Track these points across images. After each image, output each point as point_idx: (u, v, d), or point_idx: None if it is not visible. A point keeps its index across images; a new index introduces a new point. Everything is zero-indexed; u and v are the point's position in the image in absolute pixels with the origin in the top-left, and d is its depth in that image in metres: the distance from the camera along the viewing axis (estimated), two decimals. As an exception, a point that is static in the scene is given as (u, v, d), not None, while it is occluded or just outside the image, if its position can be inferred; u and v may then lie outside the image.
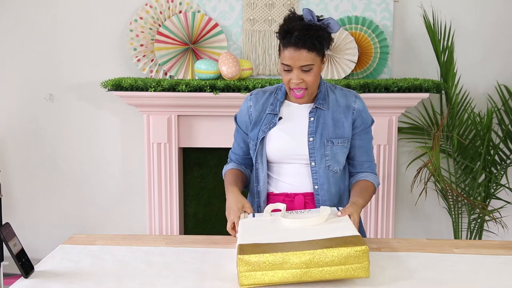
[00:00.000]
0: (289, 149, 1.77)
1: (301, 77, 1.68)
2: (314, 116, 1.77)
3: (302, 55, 1.64)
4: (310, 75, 1.68)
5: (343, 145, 1.78)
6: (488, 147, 2.92)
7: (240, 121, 1.88)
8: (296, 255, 1.31)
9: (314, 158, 1.75)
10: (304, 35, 1.63)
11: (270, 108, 1.80)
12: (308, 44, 1.64)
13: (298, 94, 1.71)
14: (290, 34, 1.64)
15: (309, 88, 1.71)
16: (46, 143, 3.23)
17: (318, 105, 1.77)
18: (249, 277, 1.32)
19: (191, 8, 3.03)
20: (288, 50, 1.66)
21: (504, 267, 1.47)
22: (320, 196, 1.78)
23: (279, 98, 1.81)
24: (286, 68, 1.68)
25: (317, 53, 1.67)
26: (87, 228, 3.26)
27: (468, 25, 3.09)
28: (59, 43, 3.13)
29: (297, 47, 1.64)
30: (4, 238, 1.36)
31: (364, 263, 1.30)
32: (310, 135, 1.76)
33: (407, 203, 3.23)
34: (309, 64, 1.66)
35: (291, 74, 1.68)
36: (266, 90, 1.86)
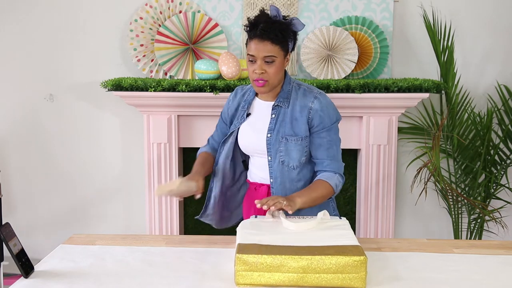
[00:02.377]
0: (251, 144, 1.89)
1: (264, 67, 1.76)
2: (275, 114, 1.86)
3: (266, 46, 1.74)
4: (272, 67, 1.76)
5: (297, 142, 1.83)
6: (488, 147, 2.92)
7: (223, 111, 2.03)
8: (294, 259, 1.31)
9: (270, 153, 1.86)
10: (269, 28, 1.73)
11: (242, 105, 1.94)
12: (272, 36, 1.73)
13: (259, 83, 1.78)
14: (256, 27, 1.75)
15: (270, 80, 1.78)
16: (46, 143, 3.23)
17: (278, 103, 1.86)
18: (245, 276, 1.32)
19: (191, 8, 3.03)
20: (253, 42, 1.76)
21: (504, 267, 1.47)
22: (274, 189, 1.88)
23: (251, 96, 1.93)
24: (251, 58, 1.77)
25: (281, 47, 1.76)
26: (87, 228, 3.26)
27: (468, 25, 3.09)
28: (59, 43, 3.13)
29: (261, 38, 1.74)
30: (4, 238, 1.36)
31: (361, 273, 1.30)
32: (269, 131, 1.86)
33: (407, 203, 3.23)
34: (272, 56, 1.75)
35: (255, 65, 1.77)
36: (244, 88, 1.99)
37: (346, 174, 2.96)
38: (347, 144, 2.97)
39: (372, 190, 2.97)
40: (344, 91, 2.77)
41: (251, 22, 1.78)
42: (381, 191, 2.97)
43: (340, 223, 1.59)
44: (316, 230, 1.52)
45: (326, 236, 1.46)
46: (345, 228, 1.54)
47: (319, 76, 2.98)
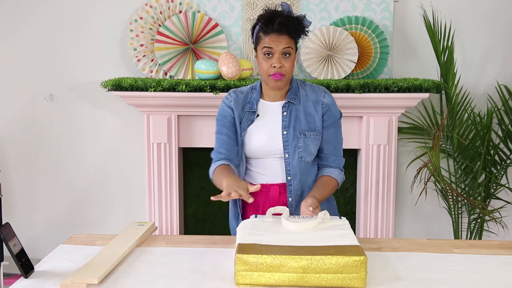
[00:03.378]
0: (266, 145, 1.86)
1: (282, 62, 1.77)
2: (286, 111, 1.86)
3: (284, 39, 1.76)
4: (288, 61, 1.78)
5: (315, 137, 1.87)
6: (488, 147, 2.92)
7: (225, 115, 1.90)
8: (294, 259, 1.31)
9: (288, 150, 1.85)
10: (286, 22, 1.75)
11: (248, 106, 1.89)
12: (290, 29, 1.76)
13: (277, 77, 1.78)
14: (272, 21, 1.75)
15: (286, 74, 1.79)
16: (46, 143, 3.23)
17: (290, 100, 1.87)
18: (245, 276, 1.32)
19: (191, 8, 3.03)
20: (270, 36, 1.76)
21: (504, 267, 1.47)
22: (292, 186, 1.87)
23: (255, 97, 1.90)
24: (268, 51, 1.77)
25: (294, 42, 1.80)
26: (87, 228, 3.26)
27: (468, 25, 3.09)
28: (59, 43, 3.13)
29: (280, 32, 1.75)
30: (4, 238, 1.36)
31: (361, 273, 1.30)
32: (284, 128, 1.85)
33: (407, 203, 3.23)
34: (289, 47, 1.77)
35: (272, 59, 1.77)
36: (242, 91, 1.94)
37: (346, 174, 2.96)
38: (347, 144, 2.97)
39: (372, 190, 2.97)
40: (344, 91, 2.77)
41: (267, 17, 1.77)
42: (381, 191, 2.97)
43: (340, 223, 1.59)
44: (316, 230, 1.52)
45: (326, 236, 1.46)
46: (345, 228, 1.54)
47: (319, 76, 2.98)
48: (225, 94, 2.72)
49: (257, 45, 1.82)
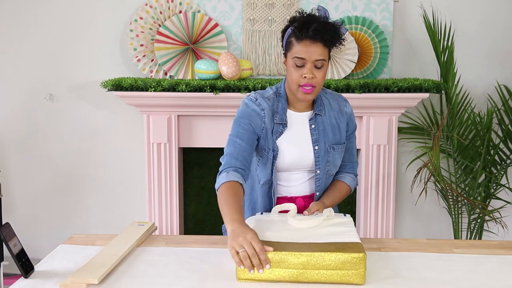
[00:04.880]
0: (298, 159, 1.76)
1: (314, 73, 1.63)
2: (314, 123, 1.77)
3: (318, 48, 1.62)
4: (321, 72, 1.65)
5: (342, 150, 1.81)
6: (488, 147, 2.92)
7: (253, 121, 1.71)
8: (294, 256, 1.32)
9: (319, 166, 1.77)
10: (323, 28, 1.61)
11: (277, 117, 1.74)
12: (326, 37, 1.62)
13: (307, 90, 1.64)
14: (307, 27, 1.61)
15: (317, 86, 1.66)
16: (46, 143, 3.23)
17: (318, 112, 1.77)
18: (246, 272, 1.33)
19: (191, 8, 3.03)
20: (303, 43, 1.62)
21: (504, 267, 1.47)
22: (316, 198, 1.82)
23: (283, 106, 1.75)
24: (299, 62, 1.63)
25: (329, 51, 1.66)
26: (87, 228, 3.26)
27: (468, 25, 3.09)
28: (59, 43, 3.13)
29: (314, 39, 1.60)
30: (4, 238, 1.36)
31: (360, 270, 1.31)
32: (314, 143, 1.76)
33: (407, 203, 3.23)
34: (323, 59, 1.63)
35: (303, 69, 1.63)
36: (269, 97, 1.76)
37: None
38: (347, 144, 2.98)
39: (372, 190, 2.97)
40: (344, 91, 2.77)
41: (302, 21, 1.63)
42: (381, 191, 2.97)
43: (345, 220, 1.60)
44: (319, 227, 1.53)
45: (329, 233, 1.47)
46: (348, 225, 1.54)
47: (319, 76, 2.98)
48: (226, 94, 2.76)
49: (288, 51, 1.67)
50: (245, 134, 1.69)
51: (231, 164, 1.65)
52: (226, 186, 1.58)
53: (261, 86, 2.73)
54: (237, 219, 1.44)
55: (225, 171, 1.63)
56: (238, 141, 1.69)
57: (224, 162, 1.68)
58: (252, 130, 1.71)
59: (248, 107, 1.73)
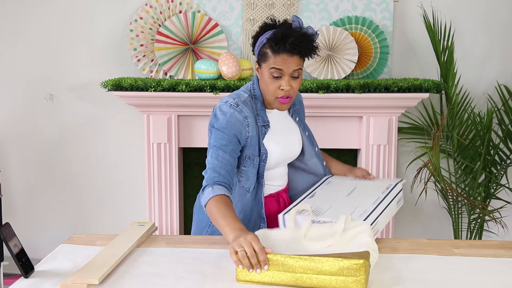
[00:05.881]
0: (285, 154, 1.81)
1: (291, 83, 1.66)
2: (297, 115, 1.88)
3: (295, 61, 1.64)
4: (297, 82, 1.68)
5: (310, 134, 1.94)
6: (488, 147, 2.92)
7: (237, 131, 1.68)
8: (294, 259, 1.31)
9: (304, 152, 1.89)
10: (300, 42, 1.62)
11: (260, 119, 1.74)
12: (303, 51, 1.64)
13: (285, 101, 1.69)
14: (284, 40, 1.61)
15: (293, 95, 1.70)
16: (46, 143, 3.23)
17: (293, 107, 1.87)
18: (246, 273, 1.33)
19: (191, 8, 3.03)
20: (280, 56, 1.63)
21: (505, 267, 1.47)
22: None
23: (261, 107, 1.75)
24: (276, 74, 1.64)
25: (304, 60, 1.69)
26: (87, 228, 3.26)
27: (468, 25, 3.09)
28: (59, 43, 3.13)
29: (292, 53, 1.62)
30: (4, 238, 1.36)
31: (360, 277, 1.28)
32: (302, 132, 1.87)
33: (407, 203, 3.23)
34: (299, 69, 1.67)
35: (281, 80, 1.65)
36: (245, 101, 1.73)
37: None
38: (347, 144, 2.98)
39: (372, 190, 2.96)
40: (344, 91, 2.77)
41: (278, 36, 1.62)
42: (381, 191, 2.96)
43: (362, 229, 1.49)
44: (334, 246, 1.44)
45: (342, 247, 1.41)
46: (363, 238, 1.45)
47: (319, 76, 2.98)
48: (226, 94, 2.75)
49: (263, 62, 1.68)
50: (229, 146, 1.67)
51: (214, 180, 1.61)
52: (215, 200, 1.54)
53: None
54: (237, 227, 1.42)
55: (209, 186, 1.59)
56: (221, 153, 1.66)
57: (207, 176, 1.64)
58: (237, 141, 1.69)
59: (232, 115, 1.69)
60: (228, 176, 1.63)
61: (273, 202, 1.85)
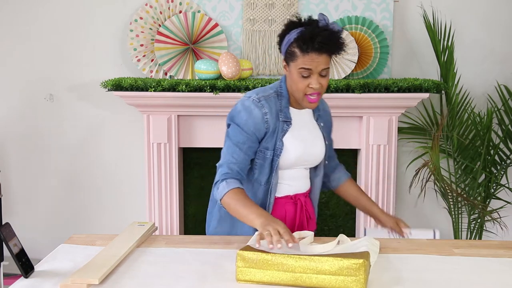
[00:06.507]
0: (302, 155, 1.77)
1: (320, 81, 1.67)
2: (322, 121, 1.86)
3: (324, 59, 1.65)
4: (326, 80, 1.69)
5: None
6: (488, 147, 2.92)
7: (256, 128, 1.71)
8: (294, 259, 1.32)
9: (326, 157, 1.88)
10: (329, 40, 1.64)
11: (282, 115, 1.74)
12: (332, 49, 1.66)
13: (313, 99, 1.68)
14: (312, 39, 1.62)
15: (322, 92, 1.71)
16: (46, 143, 3.23)
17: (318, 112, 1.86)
18: (245, 273, 1.33)
19: (191, 8, 3.03)
20: (309, 56, 1.64)
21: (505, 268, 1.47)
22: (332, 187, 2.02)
23: (285, 105, 1.76)
24: (305, 73, 1.65)
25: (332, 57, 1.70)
26: (87, 228, 3.26)
27: (468, 25, 3.09)
28: (59, 43, 3.13)
29: (320, 51, 1.63)
30: (4, 238, 1.36)
31: (360, 277, 1.28)
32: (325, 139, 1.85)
33: (407, 203, 3.23)
34: (327, 68, 1.68)
35: (310, 79, 1.66)
36: (269, 96, 1.75)
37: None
38: (347, 144, 2.97)
39: (372, 190, 2.96)
40: (344, 91, 2.77)
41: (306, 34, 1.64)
42: (381, 191, 2.97)
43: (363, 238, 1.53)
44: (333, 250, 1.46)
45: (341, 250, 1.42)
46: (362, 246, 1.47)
47: (319, 76, 2.98)
48: (226, 94, 2.76)
49: (291, 61, 1.68)
50: (246, 144, 1.70)
51: (228, 175, 1.66)
52: (232, 193, 1.60)
53: (261, 86, 2.73)
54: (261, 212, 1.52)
55: (223, 181, 1.64)
56: (237, 151, 1.69)
57: (220, 171, 1.68)
58: (255, 139, 1.71)
59: (251, 112, 1.71)
60: (241, 173, 1.69)
61: (290, 204, 1.81)
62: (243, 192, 1.63)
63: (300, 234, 1.63)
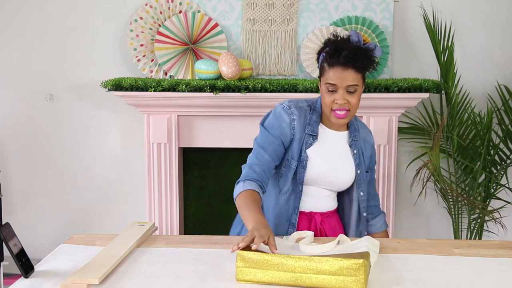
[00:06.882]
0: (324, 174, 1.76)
1: (346, 98, 1.65)
2: (356, 148, 1.81)
3: (350, 75, 1.64)
4: (354, 97, 1.67)
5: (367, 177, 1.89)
6: (488, 147, 2.92)
7: (282, 133, 1.74)
8: (294, 259, 1.32)
9: (362, 189, 1.83)
10: (354, 55, 1.63)
11: (309, 128, 1.74)
12: (358, 64, 1.64)
13: (340, 114, 1.68)
14: (338, 53, 1.63)
15: (352, 110, 1.69)
16: (46, 143, 3.23)
17: (354, 138, 1.80)
18: (245, 273, 1.33)
19: (191, 8, 3.03)
20: (334, 69, 1.64)
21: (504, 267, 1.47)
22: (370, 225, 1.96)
23: (316, 119, 1.76)
24: (331, 88, 1.66)
25: (362, 75, 1.68)
26: (87, 228, 3.26)
27: (468, 25, 3.09)
28: (59, 43, 3.13)
29: (345, 66, 1.63)
30: (4, 238, 1.36)
31: (360, 277, 1.28)
32: (357, 167, 1.81)
33: (407, 203, 3.23)
34: (355, 85, 1.66)
35: (336, 94, 1.66)
36: (302, 107, 1.77)
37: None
38: (347, 144, 2.97)
39: (372, 190, 2.96)
40: (344, 91, 2.76)
41: (333, 48, 1.65)
42: (381, 191, 2.97)
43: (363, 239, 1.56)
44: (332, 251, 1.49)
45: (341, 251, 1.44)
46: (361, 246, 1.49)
47: (319, 76, 2.98)
48: (226, 94, 2.76)
49: (321, 76, 1.71)
50: (271, 146, 1.71)
51: (248, 176, 1.68)
52: (244, 194, 1.62)
53: (261, 86, 2.74)
54: (257, 218, 1.49)
55: (242, 181, 1.67)
56: (261, 152, 1.71)
57: (243, 172, 1.72)
58: (280, 142, 1.73)
59: (280, 116, 1.74)
60: (263, 174, 1.69)
61: (305, 221, 1.81)
62: (255, 194, 1.62)
63: (300, 234, 1.63)
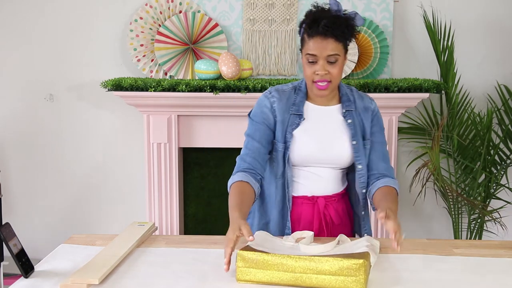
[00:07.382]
0: (316, 153, 1.70)
1: (327, 68, 1.61)
2: (351, 118, 1.72)
3: (329, 44, 1.59)
4: (335, 67, 1.62)
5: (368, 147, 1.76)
6: (488, 147, 2.92)
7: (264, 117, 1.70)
8: (294, 259, 1.31)
9: (360, 161, 1.72)
10: (333, 24, 1.58)
11: (293, 109, 1.70)
12: (337, 33, 1.59)
13: (322, 86, 1.62)
14: (317, 23, 1.59)
15: (333, 80, 1.63)
16: (46, 143, 3.23)
17: (348, 108, 1.73)
18: (245, 273, 1.33)
19: (191, 8, 3.03)
20: (314, 40, 1.60)
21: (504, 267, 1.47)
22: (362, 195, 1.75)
23: (300, 99, 1.71)
24: (311, 59, 1.61)
25: (343, 44, 1.63)
26: (87, 228, 3.26)
27: (468, 25, 3.09)
28: (59, 43, 3.13)
29: (325, 36, 1.58)
30: (4, 238, 1.36)
31: (360, 277, 1.28)
32: (353, 138, 1.71)
33: (407, 203, 3.23)
34: (336, 54, 1.60)
35: (316, 65, 1.61)
36: (284, 89, 1.74)
37: (346, 174, 2.96)
38: (347, 144, 2.97)
39: (372, 190, 2.96)
40: (344, 91, 2.76)
41: (311, 18, 1.61)
42: (381, 191, 2.96)
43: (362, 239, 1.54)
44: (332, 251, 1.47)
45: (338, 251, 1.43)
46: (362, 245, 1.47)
47: (319, 76, 2.98)
48: (226, 94, 2.76)
49: (302, 48, 1.66)
50: (257, 132, 1.70)
51: (239, 167, 1.68)
52: (232, 187, 1.63)
53: (261, 86, 2.73)
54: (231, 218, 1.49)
55: (233, 174, 1.67)
56: (250, 141, 1.71)
57: (237, 162, 1.72)
58: (266, 127, 1.71)
59: (261, 102, 1.73)
60: (254, 162, 1.68)
61: (307, 205, 1.74)
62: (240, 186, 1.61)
63: (300, 234, 1.63)
